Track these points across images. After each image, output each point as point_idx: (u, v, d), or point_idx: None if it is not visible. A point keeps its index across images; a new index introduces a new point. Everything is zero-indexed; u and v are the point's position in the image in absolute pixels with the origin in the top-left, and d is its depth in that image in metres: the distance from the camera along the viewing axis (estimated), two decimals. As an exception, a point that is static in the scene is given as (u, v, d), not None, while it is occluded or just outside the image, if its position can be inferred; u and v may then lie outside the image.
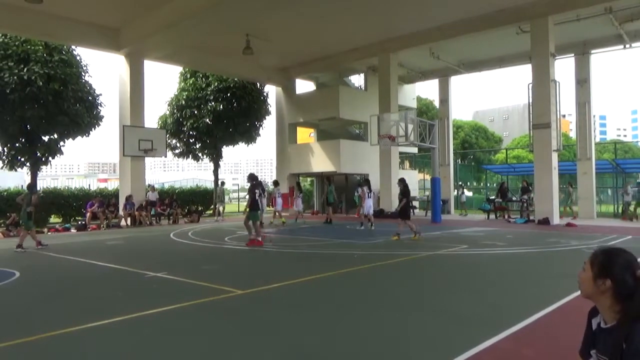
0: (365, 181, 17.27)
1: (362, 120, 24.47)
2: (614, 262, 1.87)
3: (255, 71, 24.44)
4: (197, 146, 26.00)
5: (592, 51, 20.60)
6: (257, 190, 11.72)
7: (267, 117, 26.75)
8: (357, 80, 27.59)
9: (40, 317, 5.28)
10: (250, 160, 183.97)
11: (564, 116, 32.94)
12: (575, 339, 2.21)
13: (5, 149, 18.72)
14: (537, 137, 17.26)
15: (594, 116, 21.46)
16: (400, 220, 12.48)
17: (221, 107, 24.32)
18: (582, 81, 20.69)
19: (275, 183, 19.92)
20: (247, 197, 12.14)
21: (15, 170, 20.15)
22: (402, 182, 12.86)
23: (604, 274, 1.86)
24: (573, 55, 20.78)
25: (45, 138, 19.18)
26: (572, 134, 51.84)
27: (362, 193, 16.74)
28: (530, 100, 17.64)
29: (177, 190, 26.29)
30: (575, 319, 4.84)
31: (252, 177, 12.01)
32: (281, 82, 26.14)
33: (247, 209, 11.91)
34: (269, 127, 75.11)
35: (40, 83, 17.42)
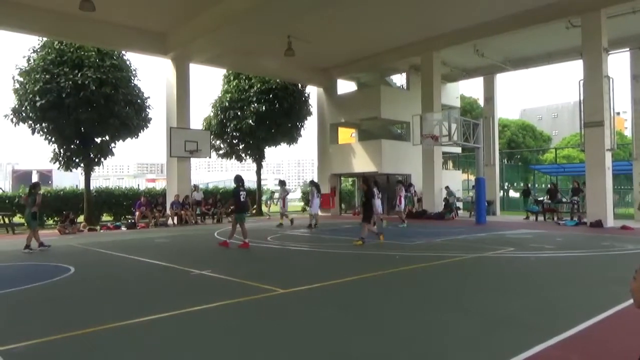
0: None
1: (404, 120, 24.20)
2: None
3: (296, 72, 24.65)
4: (241, 147, 26.48)
5: (649, 45, 19.53)
6: (241, 192, 11.39)
7: (308, 117, 26.94)
8: (399, 79, 27.31)
9: (93, 311, 5.53)
10: (292, 160, 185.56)
11: (618, 113, 31.40)
12: (630, 348, 2.10)
13: (61, 150, 19.71)
14: (589, 136, 16.50)
15: (652, 113, 20.31)
16: (364, 223, 11.77)
17: (264, 108, 24.68)
18: (639, 76, 19.66)
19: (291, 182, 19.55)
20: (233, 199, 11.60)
21: (71, 170, 21.17)
22: (366, 182, 12.27)
23: None
24: (628, 49, 19.75)
25: (98, 140, 20.06)
26: (628, 132, 49.30)
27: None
28: (582, 98, 16.89)
29: (220, 190, 26.88)
30: (630, 326, 4.61)
31: (237, 179, 11.57)
32: (322, 82, 26.24)
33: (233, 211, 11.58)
34: (310, 128, 75.47)
35: (93, 87, 18.23)
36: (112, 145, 20.40)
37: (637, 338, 2.01)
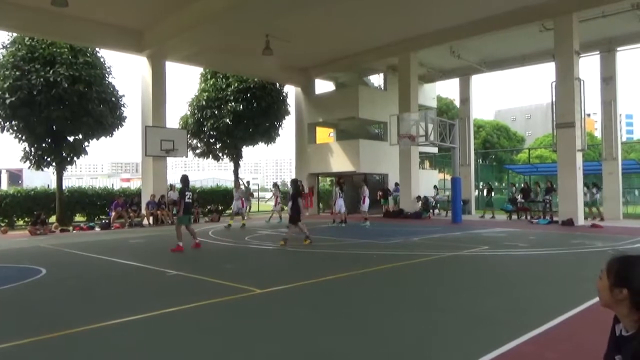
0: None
1: (382, 120, 24.36)
2: (630, 271, 1.82)
3: (274, 71, 24.53)
4: (218, 146, 26.22)
5: (618, 48, 20.10)
6: (187, 193, 10.81)
7: (286, 117, 26.84)
8: (377, 80, 27.49)
9: (65, 314, 5.41)
10: (269, 160, 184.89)
11: (588, 115, 32.23)
12: (599, 343, 2.16)
13: (32, 149, 19.18)
14: (561, 137, 16.92)
15: (620, 115, 20.94)
16: (291, 224, 11.68)
17: (241, 107, 24.49)
18: (608, 79, 20.21)
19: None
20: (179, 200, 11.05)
21: (42, 170, 20.62)
22: (294, 183, 12.15)
23: (621, 283, 1.82)
24: (598, 52, 20.30)
25: (71, 138, 19.58)
26: (598, 133, 50.67)
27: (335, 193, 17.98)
28: (554, 99, 17.31)
29: (197, 190, 26.56)
30: (599, 322, 4.75)
31: (183, 180, 11.02)
32: (301, 82, 26.20)
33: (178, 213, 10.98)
34: (288, 127, 75.74)
35: (66, 85, 17.80)
36: (86, 144, 19.94)
37: (605, 334, 2.07)
